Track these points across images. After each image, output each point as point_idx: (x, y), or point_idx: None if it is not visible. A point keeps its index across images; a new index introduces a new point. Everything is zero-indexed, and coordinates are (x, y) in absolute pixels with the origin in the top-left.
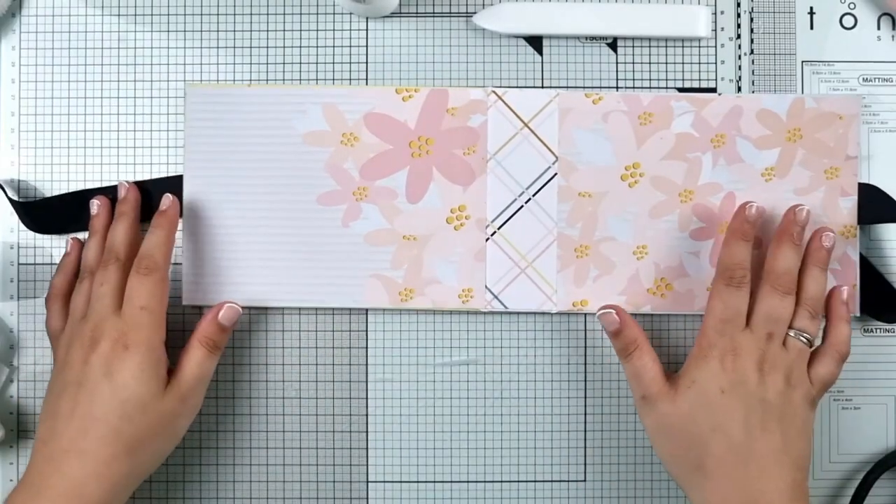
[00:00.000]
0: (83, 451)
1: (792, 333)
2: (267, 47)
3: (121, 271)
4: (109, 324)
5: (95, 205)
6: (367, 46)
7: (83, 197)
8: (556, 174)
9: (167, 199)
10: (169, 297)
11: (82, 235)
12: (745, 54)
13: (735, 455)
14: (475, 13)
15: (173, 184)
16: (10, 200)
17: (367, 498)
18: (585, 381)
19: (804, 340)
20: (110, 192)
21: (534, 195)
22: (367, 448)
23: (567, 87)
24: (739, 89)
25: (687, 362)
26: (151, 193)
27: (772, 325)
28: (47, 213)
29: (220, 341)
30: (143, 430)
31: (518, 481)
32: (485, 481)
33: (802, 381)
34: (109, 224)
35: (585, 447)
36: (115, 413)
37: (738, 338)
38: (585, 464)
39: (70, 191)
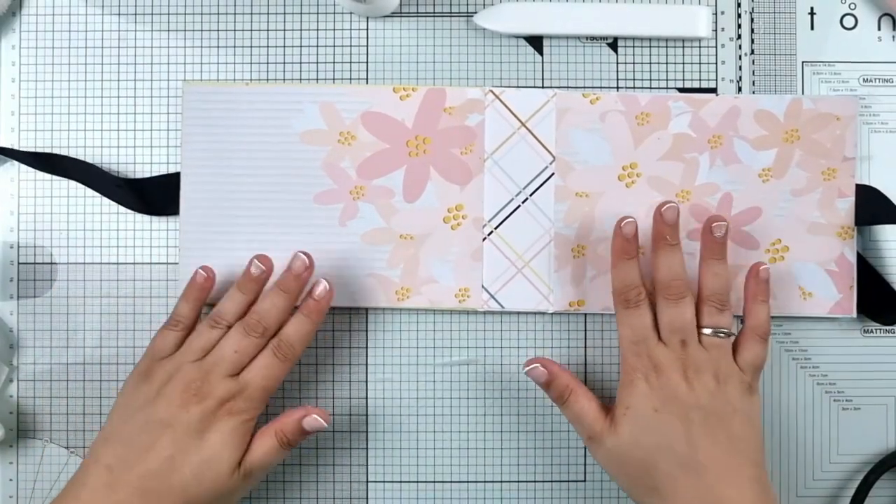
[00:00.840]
0: (146, 492)
1: (706, 332)
2: (267, 47)
3: (260, 347)
4: (224, 386)
5: (259, 267)
6: (367, 46)
7: (176, 180)
8: (553, 174)
9: (323, 288)
10: (167, 296)
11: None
12: (746, 54)
13: (685, 469)
14: (476, 13)
15: (171, 181)
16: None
17: (367, 498)
18: (585, 381)
19: (721, 335)
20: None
21: (531, 195)
22: (366, 448)
23: (567, 88)
24: (740, 90)
25: (618, 391)
26: (149, 191)
27: (679, 333)
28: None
29: (294, 441)
30: (206, 494)
31: (518, 481)
32: (484, 481)
33: (732, 373)
34: (258, 288)
35: (585, 447)
36: (191, 469)
37: (654, 354)
38: (585, 464)
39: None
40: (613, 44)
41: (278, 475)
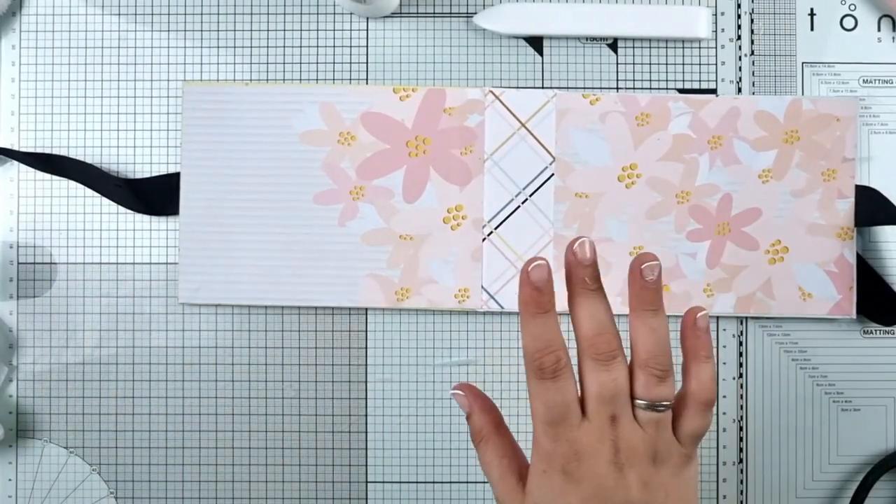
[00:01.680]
0: None
1: (641, 405)
2: (267, 47)
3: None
4: (676, 448)
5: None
6: (367, 46)
7: (176, 180)
8: (552, 174)
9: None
10: (167, 296)
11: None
12: (746, 55)
13: None
14: (475, 13)
15: (170, 181)
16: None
17: (367, 498)
18: None
19: (660, 409)
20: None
21: (530, 195)
22: (366, 448)
23: (567, 88)
24: (740, 90)
25: (529, 477)
26: (148, 192)
27: (609, 405)
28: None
29: None
30: None
31: None
32: (484, 482)
33: (671, 450)
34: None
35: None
36: None
37: (577, 437)
38: None
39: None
40: (613, 44)
41: (278, 475)
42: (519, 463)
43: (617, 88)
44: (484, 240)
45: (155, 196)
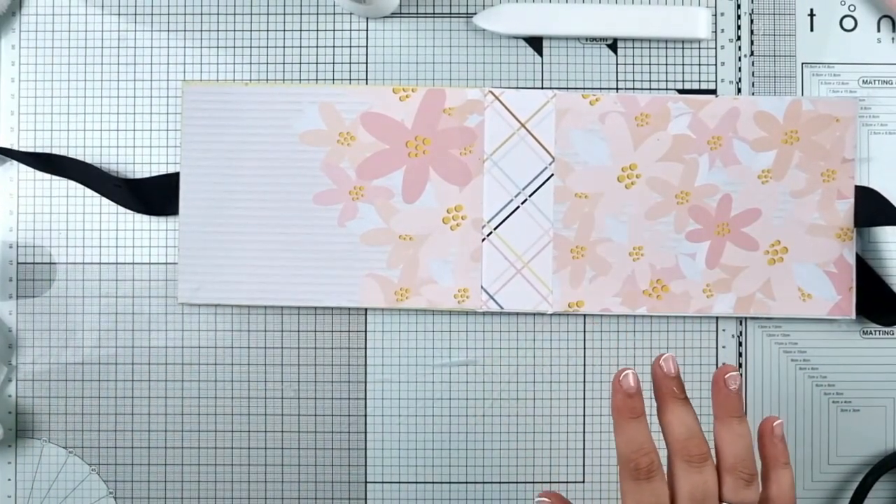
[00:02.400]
0: None
1: None
2: (267, 47)
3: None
4: None
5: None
6: (367, 47)
7: (175, 180)
8: (552, 175)
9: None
10: (167, 296)
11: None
12: (745, 56)
13: None
14: (475, 14)
15: (170, 181)
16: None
17: (366, 499)
18: (584, 382)
19: None
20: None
21: (530, 196)
22: (365, 449)
23: (567, 89)
24: (739, 91)
25: None
26: (148, 192)
27: None
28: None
29: None
30: None
31: (516, 482)
32: (483, 482)
33: None
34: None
35: (584, 448)
36: None
37: None
38: (584, 465)
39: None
40: (613, 45)
41: (277, 475)
42: None
43: (617, 89)
44: (483, 240)
45: (154, 196)
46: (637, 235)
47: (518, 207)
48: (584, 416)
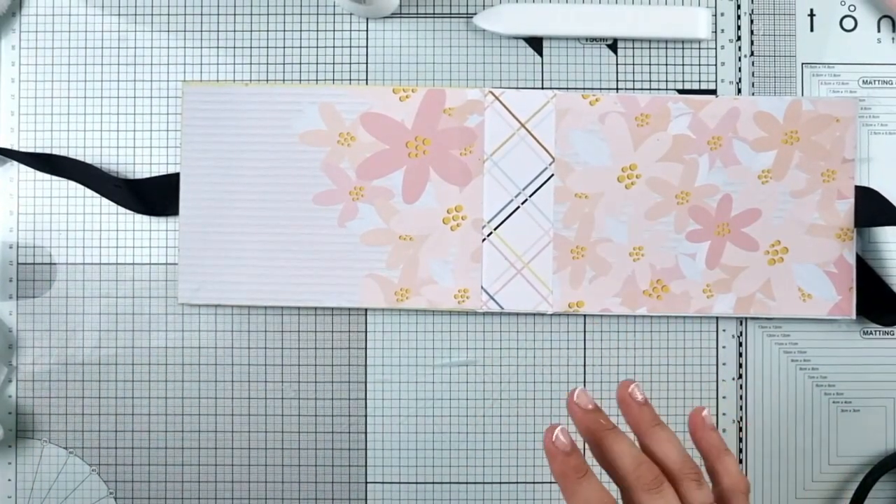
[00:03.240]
0: None
1: None
2: (267, 47)
3: None
4: None
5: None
6: (367, 47)
7: (175, 180)
8: (552, 175)
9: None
10: (167, 297)
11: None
12: (745, 56)
13: None
14: (475, 14)
15: (170, 182)
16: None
17: (366, 499)
18: (584, 382)
19: None
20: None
21: (530, 196)
22: (365, 449)
23: (567, 89)
24: (739, 91)
25: None
26: (148, 192)
27: None
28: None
29: None
30: None
31: (517, 483)
32: (483, 482)
33: None
34: None
35: (584, 449)
36: None
37: None
38: None
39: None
40: (613, 45)
41: (277, 476)
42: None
43: (617, 89)
44: (484, 240)
45: (154, 196)
46: (637, 236)
47: (518, 208)
48: None
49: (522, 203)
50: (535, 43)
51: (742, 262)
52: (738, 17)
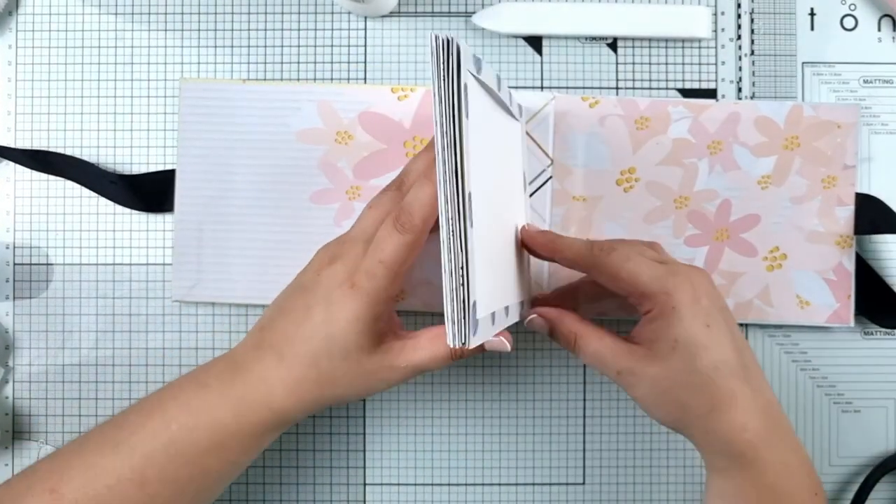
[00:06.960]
0: (282, 356)
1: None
2: (265, 46)
3: (394, 202)
4: (353, 253)
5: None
6: (365, 46)
7: (171, 175)
8: (550, 177)
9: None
10: (164, 297)
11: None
12: (746, 55)
13: (737, 378)
14: (475, 13)
15: (166, 177)
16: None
17: (365, 501)
18: (584, 383)
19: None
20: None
21: (528, 198)
22: (364, 451)
23: (567, 88)
24: (740, 90)
25: (649, 325)
26: (144, 187)
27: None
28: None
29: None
30: (339, 373)
31: (516, 484)
32: (482, 484)
33: None
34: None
35: (584, 450)
36: (318, 340)
37: (673, 264)
38: (584, 467)
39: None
40: (613, 44)
41: (275, 477)
42: (614, 337)
43: (617, 88)
44: None
45: (151, 192)
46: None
47: None
48: (584, 417)
49: None
50: (535, 42)
51: (740, 267)
52: (739, 16)
